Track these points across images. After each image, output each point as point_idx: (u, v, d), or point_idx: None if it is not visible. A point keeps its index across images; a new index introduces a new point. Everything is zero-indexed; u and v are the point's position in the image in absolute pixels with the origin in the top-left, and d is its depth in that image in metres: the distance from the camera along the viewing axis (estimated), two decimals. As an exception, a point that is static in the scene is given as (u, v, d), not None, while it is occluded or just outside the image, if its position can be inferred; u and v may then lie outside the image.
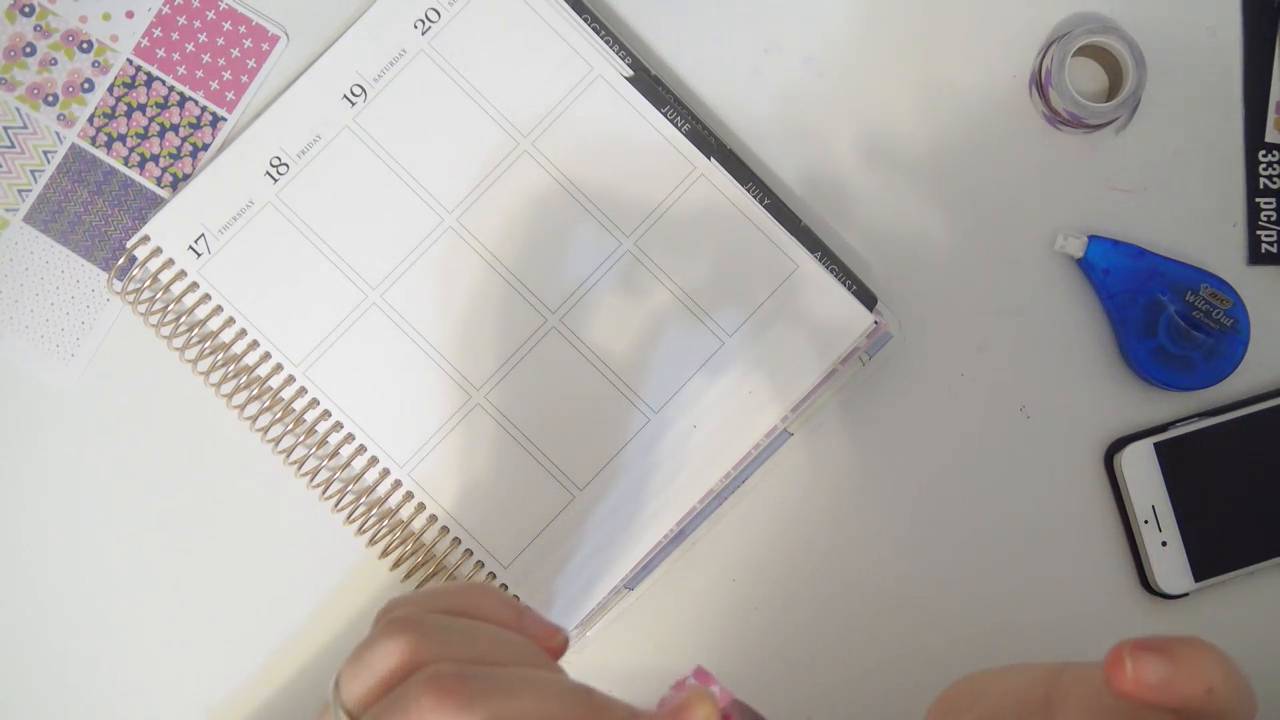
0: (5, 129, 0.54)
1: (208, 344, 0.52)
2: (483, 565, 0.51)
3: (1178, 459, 0.50)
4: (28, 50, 0.54)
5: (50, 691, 0.53)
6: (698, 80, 0.53)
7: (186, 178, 0.53)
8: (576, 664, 0.52)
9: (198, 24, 0.54)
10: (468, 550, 0.51)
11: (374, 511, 0.51)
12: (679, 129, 0.51)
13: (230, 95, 0.54)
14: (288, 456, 0.52)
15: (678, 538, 0.51)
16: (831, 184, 0.53)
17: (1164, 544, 0.50)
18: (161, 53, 0.54)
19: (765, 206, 0.51)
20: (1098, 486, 0.52)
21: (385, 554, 0.51)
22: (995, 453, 0.52)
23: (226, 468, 0.53)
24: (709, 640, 0.52)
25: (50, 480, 0.53)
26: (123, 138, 0.54)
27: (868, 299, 0.51)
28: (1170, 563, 0.50)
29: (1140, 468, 0.51)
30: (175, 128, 0.54)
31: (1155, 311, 0.51)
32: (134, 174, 0.54)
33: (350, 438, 0.51)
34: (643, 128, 0.51)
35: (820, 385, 0.51)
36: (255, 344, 0.52)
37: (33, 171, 0.54)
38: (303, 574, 0.53)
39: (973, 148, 0.53)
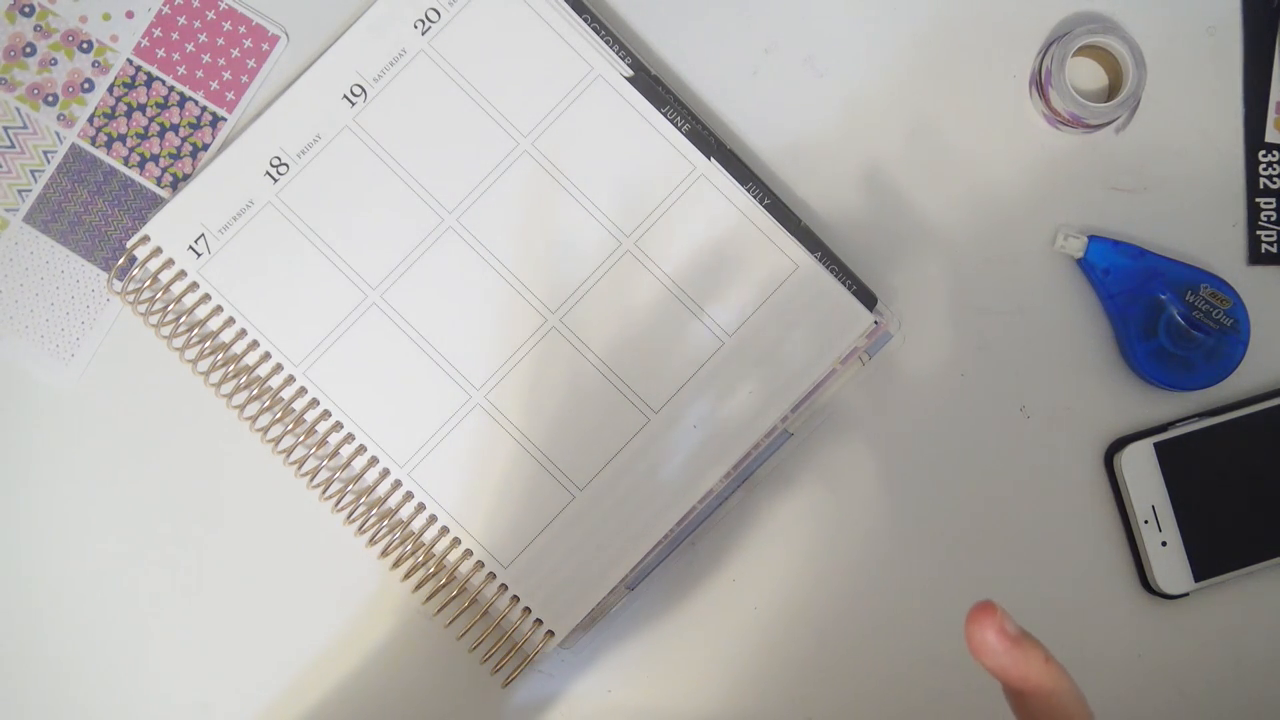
0: (5, 129, 0.54)
1: (208, 344, 0.52)
2: (483, 565, 0.51)
3: (1178, 459, 0.50)
4: (28, 50, 0.54)
5: (47, 698, 0.53)
6: (698, 80, 0.53)
7: (186, 178, 0.53)
8: (574, 664, 0.52)
9: (198, 24, 0.54)
10: (468, 550, 0.51)
11: (374, 512, 0.51)
12: (679, 129, 0.51)
13: (230, 95, 0.54)
14: (288, 456, 0.52)
15: (678, 538, 0.51)
16: (831, 184, 0.53)
17: (1164, 544, 0.50)
18: (161, 53, 0.54)
19: (765, 206, 0.51)
20: (1098, 486, 0.52)
21: (385, 554, 0.51)
22: (995, 453, 0.52)
23: (227, 468, 0.53)
24: (708, 640, 0.52)
25: (50, 481, 0.53)
26: (123, 138, 0.54)
27: (868, 299, 0.51)
28: (1170, 563, 0.50)
29: (1140, 468, 0.51)
30: (175, 128, 0.54)
31: (1155, 311, 0.51)
32: (134, 174, 0.54)
33: (350, 438, 0.51)
34: (643, 128, 0.51)
35: (820, 385, 0.51)
36: (255, 344, 0.52)
37: (33, 171, 0.54)
38: (303, 573, 0.53)
39: (973, 148, 0.53)
